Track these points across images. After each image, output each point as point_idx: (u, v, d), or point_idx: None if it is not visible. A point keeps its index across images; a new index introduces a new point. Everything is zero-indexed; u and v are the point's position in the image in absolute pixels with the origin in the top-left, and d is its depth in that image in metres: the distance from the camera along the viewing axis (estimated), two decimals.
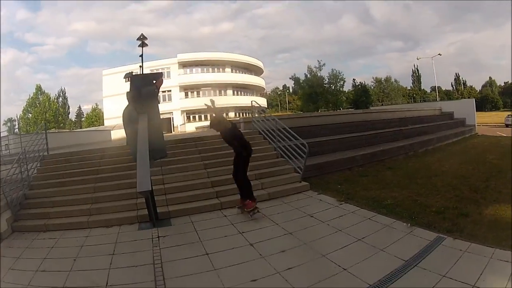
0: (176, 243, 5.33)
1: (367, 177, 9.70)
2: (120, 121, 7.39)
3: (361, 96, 58.90)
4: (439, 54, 49.84)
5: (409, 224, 5.98)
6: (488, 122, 38.82)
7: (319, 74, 53.75)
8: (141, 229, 6.01)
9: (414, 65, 71.75)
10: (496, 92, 63.38)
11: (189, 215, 6.67)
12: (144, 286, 3.98)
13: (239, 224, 6.12)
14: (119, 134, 20.89)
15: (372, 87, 65.76)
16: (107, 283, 3.97)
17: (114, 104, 36.26)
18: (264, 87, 51.23)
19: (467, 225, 5.86)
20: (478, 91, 66.62)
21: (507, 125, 34.43)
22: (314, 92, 51.79)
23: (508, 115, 37.56)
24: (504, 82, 63.33)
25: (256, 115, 12.82)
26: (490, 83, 65.98)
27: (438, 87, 59.82)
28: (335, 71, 54.64)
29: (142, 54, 7.68)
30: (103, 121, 45.97)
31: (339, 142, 12.44)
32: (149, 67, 36.86)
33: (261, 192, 7.73)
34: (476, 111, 25.79)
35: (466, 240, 5.26)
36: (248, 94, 46.84)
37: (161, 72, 9.42)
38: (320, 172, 9.39)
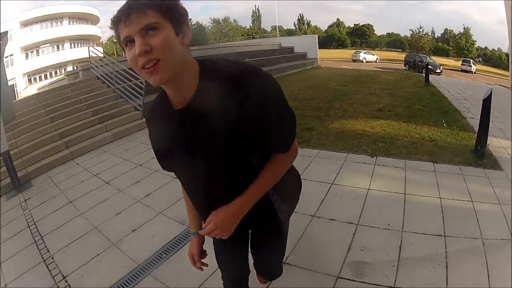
0: (41, 201, 5.39)
1: None
2: None
3: (198, 35, 58.05)
4: None
5: None
6: (334, 58, 40.96)
7: None
8: (9, 199, 5.91)
9: (255, 6, 70.56)
10: (344, 32, 63.64)
11: (45, 172, 6.72)
12: (28, 251, 4.02)
13: (91, 168, 6.40)
14: None
15: (209, 28, 65.07)
16: (0, 263, 3.95)
17: None
18: (100, 36, 47.98)
19: (312, 137, 6.45)
20: (324, 30, 66.48)
21: (354, 60, 37.77)
22: None
23: (356, 51, 40.90)
24: (354, 24, 64.90)
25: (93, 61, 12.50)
26: (338, 23, 65.77)
27: (280, 26, 59.74)
28: None
29: None
30: None
31: None
32: None
33: (106, 134, 8.16)
34: (322, 48, 26.93)
35: (314, 148, 5.89)
36: (85, 45, 43.14)
37: (6, 31, 8.86)
38: None
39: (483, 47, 51.41)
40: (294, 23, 71.21)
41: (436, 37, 56.86)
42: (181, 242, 3.62)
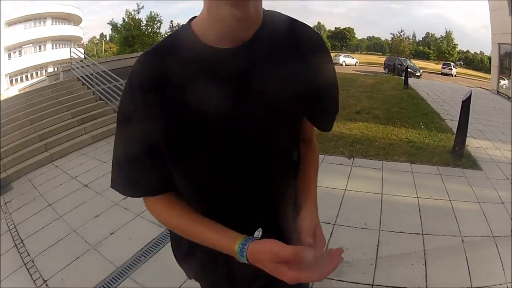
0: (21, 203, 5.34)
1: None
2: None
3: None
4: None
5: None
6: None
7: (137, 17, 51.80)
8: None
9: None
10: (325, 35, 63.92)
11: (25, 174, 6.64)
12: (9, 255, 3.97)
13: (70, 171, 6.34)
14: None
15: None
16: None
17: None
18: (82, 37, 47.43)
19: None
20: None
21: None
22: (130, 35, 49.67)
23: (335, 54, 40.97)
24: (335, 27, 65.04)
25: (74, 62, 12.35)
26: (319, 27, 65.12)
27: None
28: (153, 13, 53.15)
29: None
30: None
31: None
32: None
33: (85, 136, 8.08)
34: None
35: None
36: (66, 46, 42.57)
37: None
38: None
39: (464, 51, 52.17)
40: None
41: (417, 40, 57.46)
42: (159, 244, 3.61)
